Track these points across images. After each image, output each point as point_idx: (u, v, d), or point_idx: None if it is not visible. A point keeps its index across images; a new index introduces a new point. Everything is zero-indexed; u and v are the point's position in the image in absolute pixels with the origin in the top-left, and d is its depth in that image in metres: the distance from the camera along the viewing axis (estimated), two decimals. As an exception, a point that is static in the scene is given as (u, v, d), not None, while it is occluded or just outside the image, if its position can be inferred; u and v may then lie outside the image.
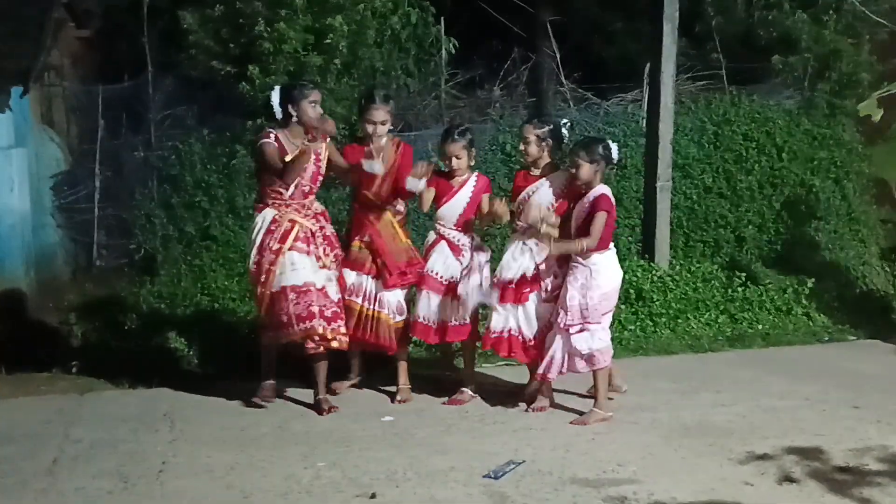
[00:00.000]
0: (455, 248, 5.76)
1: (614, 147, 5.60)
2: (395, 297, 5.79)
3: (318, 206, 5.71)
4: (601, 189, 5.48)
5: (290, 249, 5.45)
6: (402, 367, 5.92)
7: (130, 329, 7.36)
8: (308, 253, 5.50)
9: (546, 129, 5.70)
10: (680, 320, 7.77)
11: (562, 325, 5.43)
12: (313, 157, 5.52)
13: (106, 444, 5.10)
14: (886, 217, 10.04)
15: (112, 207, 9.50)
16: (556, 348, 5.48)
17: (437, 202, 5.81)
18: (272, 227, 5.49)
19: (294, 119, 5.54)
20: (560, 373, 5.54)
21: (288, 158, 5.39)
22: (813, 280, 8.21)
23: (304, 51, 8.18)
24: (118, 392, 6.06)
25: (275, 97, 5.56)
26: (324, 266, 5.56)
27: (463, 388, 5.89)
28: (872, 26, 10.31)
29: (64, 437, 5.21)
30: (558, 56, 10.52)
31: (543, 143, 5.67)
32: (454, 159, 5.75)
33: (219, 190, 8.70)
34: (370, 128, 5.73)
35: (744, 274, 8.32)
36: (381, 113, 5.74)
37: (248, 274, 5.72)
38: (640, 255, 8.49)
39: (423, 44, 9.62)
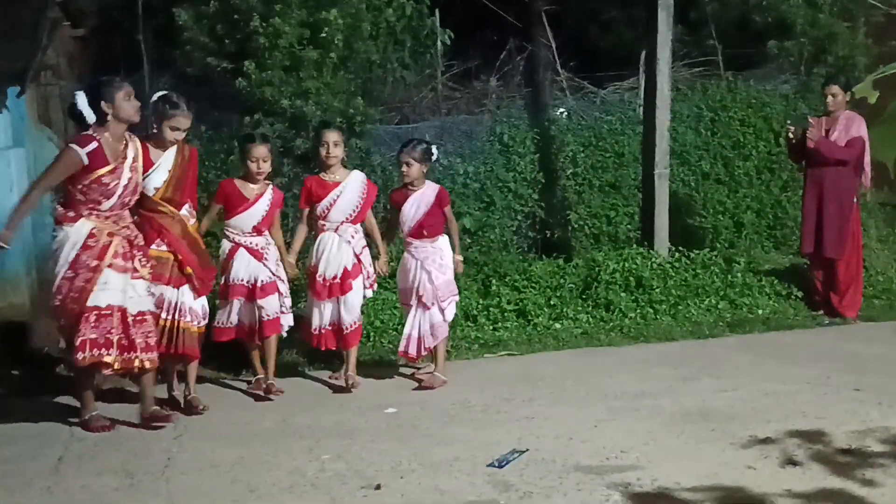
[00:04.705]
0: (255, 253, 5.85)
1: (434, 149, 6.24)
2: (199, 304, 5.65)
3: (128, 216, 5.32)
4: (436, 185, 6.18)
5: (108, 266, 5.07)
6: (195, 367, 5.78)
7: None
8: (125, 270, 5.14)
9: (343, 136, 6.19)
10: (680, 307, 7.80)
11: (429, 304, 5.94)
12: (130, 164, 5.24)
13: (111, 441, 5.12)
14: (885, 200, 10.05)
15: (111, 206, 9.48)
16: (415, 325, 5.96)
17: (230, 212, 5.93)
18: (90, 243, 5.06)
19: (110, 117, 5.16)
20: (427, 348, 6.00)
21: (108, 168, 5.11)
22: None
23: (299, 45, 8.17)
24: (121, 389, 6.06)
25: (81, 101, 5.13)
26: (140, 277, 5.23)
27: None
28: (868, 9, 10.31)
29: (69, 436, 5.22)
30: (554, 45, 10.50)
31: (345, 148, 6.11)
32: (260, 162, 5.86)
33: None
34: (175, 134, 5.55)
35: (743, 259, 8.33)
36: (186, 120, 5.60)
37: (53, 290, 5.11)
38: (640, 242, 8.50)
39: (419, 36, 9.59)
